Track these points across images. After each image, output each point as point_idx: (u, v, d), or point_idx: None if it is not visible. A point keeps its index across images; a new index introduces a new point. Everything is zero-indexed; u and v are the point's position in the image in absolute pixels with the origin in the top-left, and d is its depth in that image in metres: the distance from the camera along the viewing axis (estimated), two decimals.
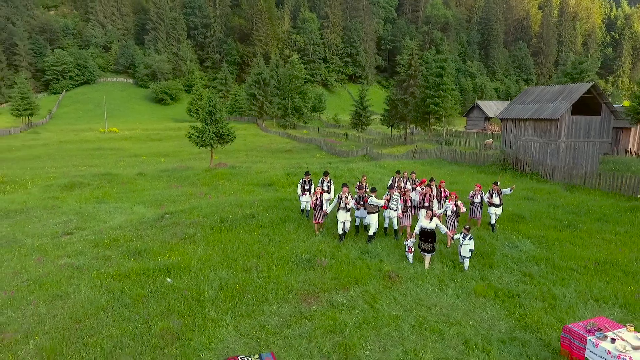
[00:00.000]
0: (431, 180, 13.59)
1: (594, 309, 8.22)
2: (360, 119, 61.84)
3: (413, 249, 10.31)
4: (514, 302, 8.52)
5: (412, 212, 12.54)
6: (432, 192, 12.62)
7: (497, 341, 7.15)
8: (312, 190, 13.18)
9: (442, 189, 13.28)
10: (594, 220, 13.94)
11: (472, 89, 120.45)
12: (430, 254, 10.08)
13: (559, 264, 10.39)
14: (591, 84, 20.67)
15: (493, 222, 12.96)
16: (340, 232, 11.73)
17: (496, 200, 12.83)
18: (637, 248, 11.45)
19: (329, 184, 13.19)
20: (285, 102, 76.30)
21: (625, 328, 6.07)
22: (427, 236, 10.00)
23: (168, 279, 9.42)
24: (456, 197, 11.94)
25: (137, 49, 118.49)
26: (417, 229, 10.24)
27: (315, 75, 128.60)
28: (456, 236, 10.08)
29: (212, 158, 26.20)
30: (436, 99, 42.57)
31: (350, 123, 65.20)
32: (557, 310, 8.16)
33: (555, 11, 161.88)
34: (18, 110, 68.57)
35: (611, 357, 5.53)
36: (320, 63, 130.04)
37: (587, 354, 5.89)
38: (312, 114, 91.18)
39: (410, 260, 10.29)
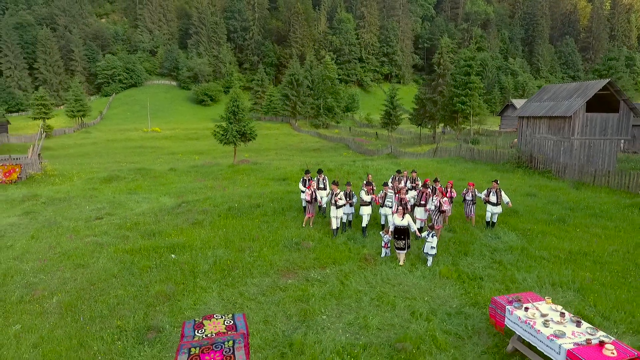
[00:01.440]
0: (435, 180, 13.51)
1: (547, 292, 8.80)
2: (390, 119, 62.12)
3: (389, 245, 10.74)
4: (474, 284, 9.24)
5: (408, 210, 12.97)
6: (428, 191, 12.71)
7: (443, 313, 7.98)
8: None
9: (449, 189, 13.25)
10: (588, 216, 14.11)
11: (513, 87, 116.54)
12: (404, 251, 10.34)
13: (532, 253, 10.91)
14: (607, 80, 20.30)
15: (488, 219, 12.92)
16: (334, 227, 12.18)
17: (493, 198, 12.69)
18: (619, 241, 11.69)
19: (324, 182, 14.09)
20: (318, 102, 77.74)
21: (544, 300, 6.76)
22: (400, 233, 10.25)
23: (172, 255, 10.90)
24: (443, 194, 12.50)
25: (181, 53, 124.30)
26: (391, 227, 10.55)
27: (350, 75, 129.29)
28: (423, 234, 10.36)
29: (235, 155, 27.97)
30: (463, 97, 42.30)
31: (380, 122, 65.58)
32: (510, 291, 8.81)
33: (607, 3, 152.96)
34: (72, 111, 74.48)
35: (520, 322, 6.28)
36: (355, 63, 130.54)
37: (506, 321, 6.64)
38: (346, 114, 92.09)
39: (384, 254, 10.72)
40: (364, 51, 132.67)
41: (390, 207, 12.22)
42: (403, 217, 10.32)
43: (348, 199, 12.48)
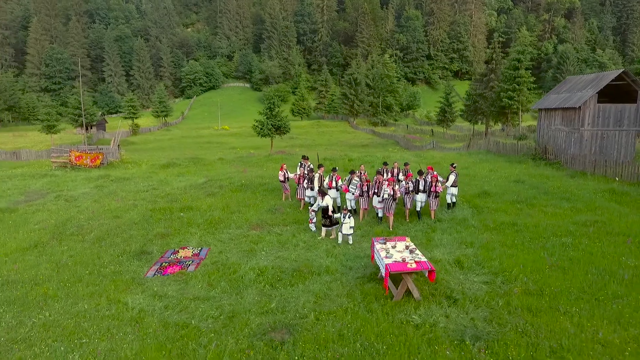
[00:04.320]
0: (419, 172, 13.90)
1: (453, 248, 10.59)
2: (445, 116, 62.00)
3: (314, 220, 12.27)
4: None
5: (369, 197, 13.48)
6: (382, 179, 13.29)
7: (352, 255, 10.26)
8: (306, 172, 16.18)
9: (434, 183, 13.29)
10: (554, 198, 14.97)
11: None
12: (328, 228, 11.64)
13: (469, 223, 12.52)
14: (620, 70, 19.99)
15: (449, 201, 14.02)
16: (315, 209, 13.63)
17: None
18: (561, 218, 12.72)
19: (309, 167, 16.35)
20: (377, 100, 79.28)
21: (406, 239, 8.83)
22: (324, 212, 11.67)
23: (181, 213, 14.33)
24: (393, 181, 13.89)
25: (254, 57, 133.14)
26: (315, 206, 12.22)
27: (417, 73, 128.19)
28: (335, 215, 11.61)
29: (272, 146, 31.37)
30: (510, 92, 41.58)
31: (435, 120, 65.53)
32: (424, 247, 10.69)
33: None
34: (157, 112, 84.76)
35: (377, 250, 8.46)
36: (423, 60, 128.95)
37: (375, 254, 8.84)
38: (407, 112, 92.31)
39: (313, 229, 12.14)
40: (432, 48, 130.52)
41: (353, 193, 13.40)
42: (323, 199, 11.89)
43: (310, 183, 14.21)
